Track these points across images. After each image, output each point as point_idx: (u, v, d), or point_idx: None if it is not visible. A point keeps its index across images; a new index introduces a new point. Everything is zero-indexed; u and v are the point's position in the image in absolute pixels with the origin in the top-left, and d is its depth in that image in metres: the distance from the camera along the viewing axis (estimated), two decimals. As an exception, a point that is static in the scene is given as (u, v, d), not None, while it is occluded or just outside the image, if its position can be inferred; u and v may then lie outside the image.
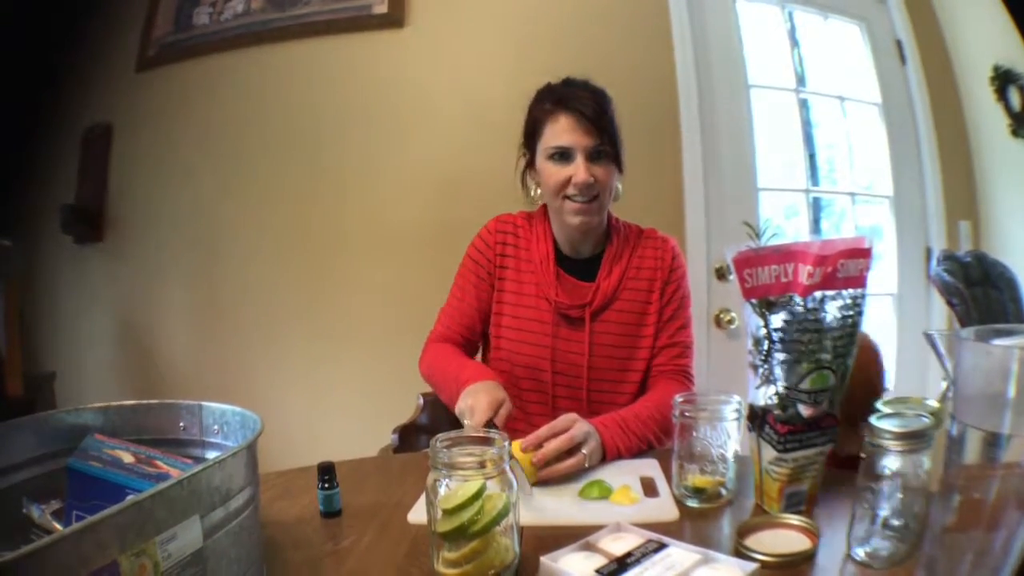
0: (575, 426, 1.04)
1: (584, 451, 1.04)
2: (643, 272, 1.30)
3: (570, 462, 1.02)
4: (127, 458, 0.75)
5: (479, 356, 1.41)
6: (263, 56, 2.14)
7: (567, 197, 1.23)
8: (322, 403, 2.14)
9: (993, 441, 0.60)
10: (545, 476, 1.00)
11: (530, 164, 1.30)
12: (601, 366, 1.27)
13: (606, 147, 1.20)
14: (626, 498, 0.94)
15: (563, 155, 1.22)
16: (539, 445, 1.00)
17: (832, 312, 0.85)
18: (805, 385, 0.85)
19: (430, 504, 0.74)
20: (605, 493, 0.96)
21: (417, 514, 0.93)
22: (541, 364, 1.28)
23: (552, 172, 1.23)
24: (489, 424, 1.04)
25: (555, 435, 1.02)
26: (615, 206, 1.37)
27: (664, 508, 0.92)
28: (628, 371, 1.28)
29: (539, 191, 1.31)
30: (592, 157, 1.21)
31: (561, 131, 1.21)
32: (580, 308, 1.27)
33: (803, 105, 2.18)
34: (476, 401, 1.07)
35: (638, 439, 1.13)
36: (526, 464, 0.99)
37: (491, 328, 1.34)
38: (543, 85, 1.28)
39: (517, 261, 1.33)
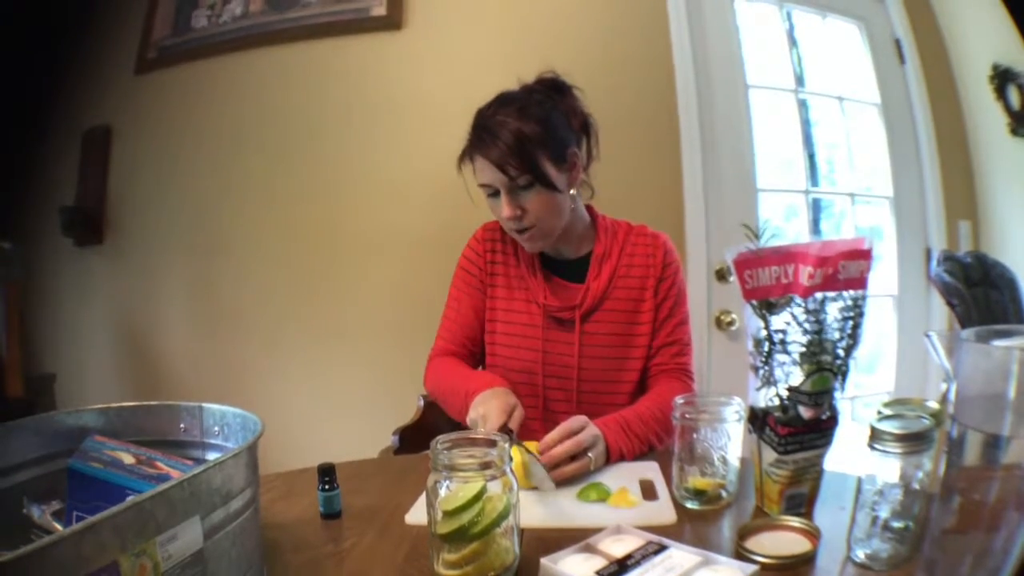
0: (584, 430, 1.04)
1: (590, 455, 1.04)
2: (634, 270, 1.28)
3: (575, 466, 1.02)
4: (127, 459, 0.75)
5: (481, 367, 1.40)
6: (262, 58, 2.14)
7: (510, 228, 1.22)
8: (323, 405, 2.14)
9: (993, 443, 0.60)
10: (552, 477, 1.01)
11: None
12: (593, 367, 1.26)
13: (525, 179, 1.15)
14: (624, 501, 0.94)
15: (491, 191, 1.20)
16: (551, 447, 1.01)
17: (833, 314, 0.85)
18: (806, 387, 0.85)
19: (430, 506, 0.74)
20: (603, 496, 0.96)
21: (415, 515, 0.93)
22: (533, 368, 1.27)
23: (491, 206, 1.23)
24: (504, 429, 1.03)
25: (567, 437, 1.02)
26: (611, 205, 1.36)
27: (661, 511, 0.92)
28: (622, 371, 1.27)
29: None
30: (514, 191, 1.17)
31: (479, 170, 1.19)
32: (570, 310, 1.26)
33: (802, 105, 2.18)
34: (488, 409, 1.06)
35: (640, 441, 1.13)
36: (529, 465, 0.99)
37: (486, 335, 1.34)
38: (480, 106, 1.24)
39: (506, 267, 1.32)
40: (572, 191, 1.25)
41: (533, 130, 1.14)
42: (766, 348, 0.88)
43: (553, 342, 1.27)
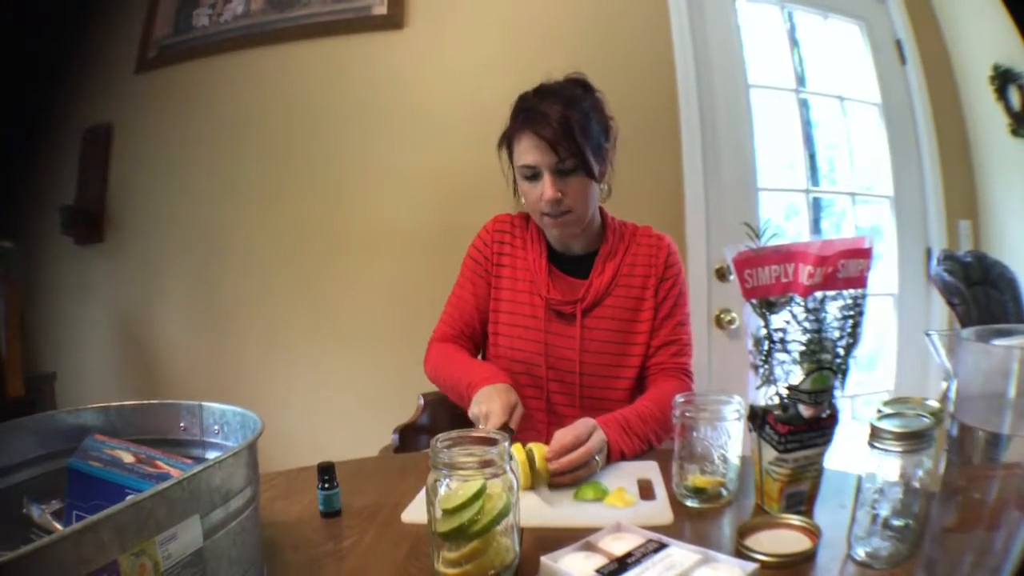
0: (593, 436, 1.04)
1: (597, 458, 1.04)
2: (637, 269, 1.31)
3: (583, 472, 1.02)
4: (127, 458, 0.75)
5: (481, 355, 1.42)
6: (263, 57, 2.14)
7: (543, 213, 1.23)
8: (322, 403, 2.14)
9: (993, 441, 0.60)
10: (558, 482, 1.00)
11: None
12: (593, 362, 1.28)
13: (572, 162, 1.19)
14: (621, 501, 0.94)
15: (532, 173, 1.22)
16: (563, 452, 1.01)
17: (833, 312, 0.85)
18: (806, 385, 0.85)
19: (430, 504, 0.74)
20: (600, 495, 0.96)
21: (411, 514, 0.93)
22: (535, 359, 1.30)
23: (526, 190, 1.25)
24: (505, 428, 1.05)
25: (579, 444, 1.02)
26: (612, 204, 1.37)
27: (658, 512, 0.91)
28: (621, 367, 1.29)
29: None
30: (559, 173, 1.20)
31: (525, 150, 1.21)
32: (572, 304, 1.28)
33: (803, 105, 2.18)
34: (490, 407, 1.08)
35: (640, 440, 1.13)
36: (542, 467, 0.99)
37: (489, 325, 1.36)
38: (523, 92, 1.27)
39: (513, 260, 1.35)
40: (602, 185, 1.29)
41: (579, 119, 1.18)
42: (766, 347, 0.88)
43: (555, 335, 1.29)
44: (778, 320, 0.87)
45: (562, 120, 1.17)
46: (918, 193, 2.17)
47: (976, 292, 1.82)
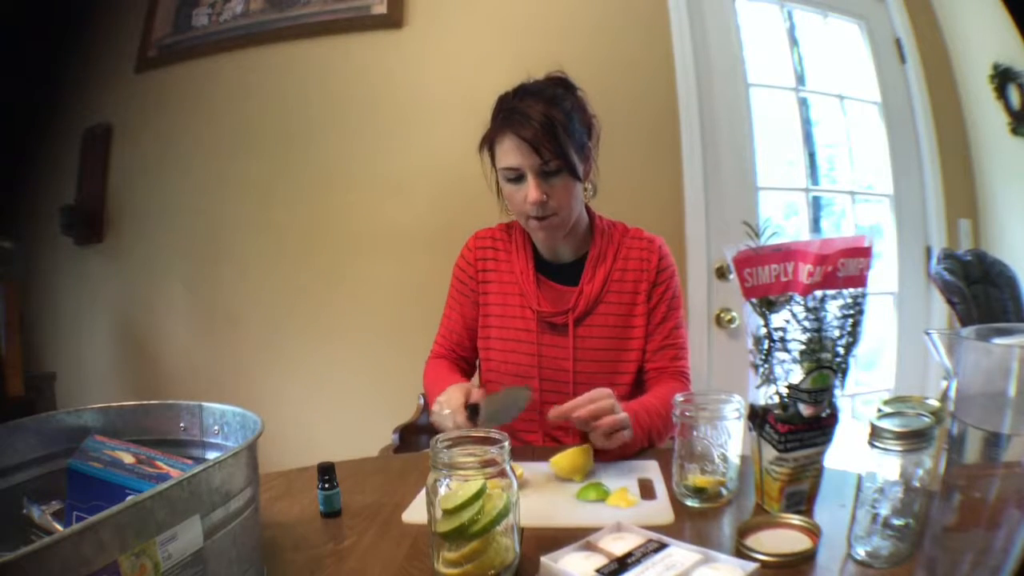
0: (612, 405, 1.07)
1: (625, 433, 1.07)
2: (628, 274, 1.28)
3: (616, 438, 1.06)
4: (127, 459, 0.75)
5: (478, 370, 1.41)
6: (262, 57, 2.14)
7: (528, 215, 1.21)
8: (322, 403, 2.14)
9: (993, 440, 0.60)
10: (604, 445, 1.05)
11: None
12: (588, 370, 1.26)
13: (556, 163, 1.16)
14: (623, 500, 0.94)
15: (515, 175, 1.19)
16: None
17: (832, 311, 0.85)
18: (806, 385, 0.85)
19: (430, 504, 0.74)
20: (602, 495, 0.96)
21: (412, 514, 0.93)
22: (528, 372, 1.28)
23: (510, 193, 1.22)
24: (471, 408, 1.06)
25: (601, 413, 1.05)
26: (611, 204, 1.36)
27: (660, 511, 0.91)
28: (617, 374, 1.27)
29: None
30: (543, 175, 1.18)
31: (507, 152, 1.18)
32: (563, 314, 1.26)
33: (803, 104, 2.18)
34: (448, 404, 1.08)
35: (643, 431, 1.13)
36: (584, 460, 1.03)
37: (480, 341, 1.34)
38: (502, 93, 1.25)
39: (499, 274, 1.33)
40: (587, 185, 1.27)
41: (561, 119, 1.16)
42: (766, 346, 0.88)
43: (547, 346, 1.28)
44: (778, 319, 0.87)
45: (544, 120, 1.14)
46: (918, 192, 2.17)
47: (976, 291, 1.82)
